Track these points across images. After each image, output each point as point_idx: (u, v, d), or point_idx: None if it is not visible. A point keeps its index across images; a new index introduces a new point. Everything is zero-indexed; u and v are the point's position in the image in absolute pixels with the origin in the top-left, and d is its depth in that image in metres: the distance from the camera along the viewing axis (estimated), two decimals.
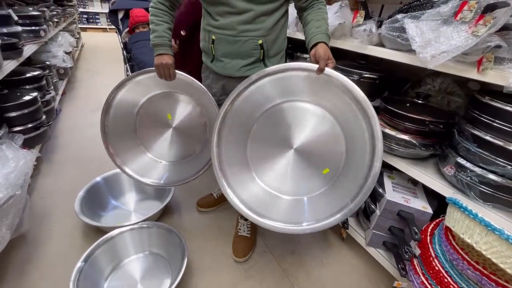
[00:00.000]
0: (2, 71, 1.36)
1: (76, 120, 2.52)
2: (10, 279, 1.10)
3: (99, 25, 7.70)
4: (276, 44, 1.05)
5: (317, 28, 0.95)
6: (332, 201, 0.96)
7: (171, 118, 1.27)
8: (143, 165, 1.31)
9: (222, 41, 1.02)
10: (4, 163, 1.05)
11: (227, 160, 1.05)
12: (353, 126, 0.93)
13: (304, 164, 1.02)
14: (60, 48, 2.97)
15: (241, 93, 1.00)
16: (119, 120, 1.22)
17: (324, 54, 0.88)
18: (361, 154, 0.91)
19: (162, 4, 1.02)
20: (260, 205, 1.02)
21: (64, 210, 1.45)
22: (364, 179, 0.89)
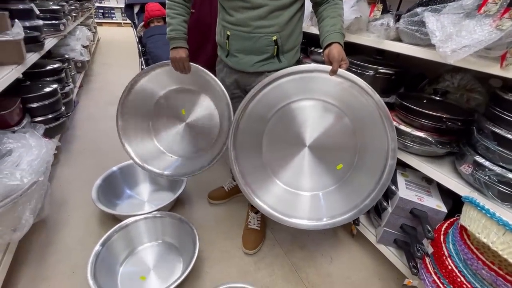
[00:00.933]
0: (25, 64, 1.41)
1: (93, 112, 2.60)
2: (32, 260, 1.16)
3: (114, 19, 7.84)
4: (291, 39, 1.04)
5: (332, 26, 0.93)
6: (347, 196, 0.97)
7: (185, 114, 1.29)
8: (147, 151, 1.33)
9: (237, 37, 1.02)
10: (28, 151, 1.10)
11: (247, 167, 1.07)
12: (365, 121, 0.92)
13: (319, 160, 1.03)
14: (78, 42, 3.05)
15: (253, 98, 0.99)
16: (138, 102, 1.27)
17: (338, 55, 0.87)
18: (375, 150, 0.91)
19: None
20: (284, 205, 1.06)
21: (81, 197, 1.51)
22: (380, 175, 0.89)
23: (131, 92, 1.24)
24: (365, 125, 0.95)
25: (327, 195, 1.04)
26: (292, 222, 1.04)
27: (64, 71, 2.12)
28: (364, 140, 0.96)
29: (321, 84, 0.95)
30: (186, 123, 1.31)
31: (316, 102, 0.99)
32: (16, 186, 0.96)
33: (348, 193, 0.98)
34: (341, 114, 0.97)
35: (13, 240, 1.02)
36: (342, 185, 1.01)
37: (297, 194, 1.08)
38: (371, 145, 0.95)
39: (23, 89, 1.61)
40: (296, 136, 1.02)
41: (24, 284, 1.07)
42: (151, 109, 1.30)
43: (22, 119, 1.43)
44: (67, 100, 2.05)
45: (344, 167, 1.00)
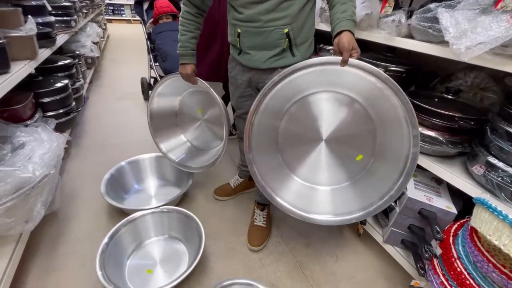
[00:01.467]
0: (38, 59, 1.44)
1: (102, 108, 2.64)
2: (43, 251, 1.20)
3: (124, 16, 7.92)
4: (304, 31, 1.00)
5: (342, 13, 0.88)
6: (372, 186, 0.96)
7: (202, 112, 1.47)
8: (174, 142, 1.58)
9: (247, 34, 1.00)
10: (40, 144, 1.12)
11: (264, 167, 1.05)
12: (382, 108, 0.89)
13: (337, 153, 1.01)
14: (88, 38, 3.09)
15: (266, 95, 0.95)
16: (163, 105, 1.50)
17: (348, 44, 0.83)
18: (396, 138, 0.89)
19: (188, 13, 1.09)
20: (303, 201, 1.04)
21: (90, 191, 1.54)
22: (403, 165, 0.88)
23: (154, 97, 1.45)
24: (383, 113, 0.91)
25: (346, 188, 1.02)
26: (314, 218, 1.01)
27: (75, 67, 2.15)
28: (383, 128, 0.92)
29: (333, 76, 0.92)
30: (203, 120, 1.49)
31: (330, 94, 0.95)
32: (29, 179, 0.98)
33: (371, 185, 0.97)
34: (356, 104, 0.93)
35: (25, 231, 1.04)
36: (364, 178, 1.00)
37: (315, 189, 1.06)
38: (390, 133, 0.91)
39: (35, 84, 1.65)
40: (312, 130, 1.00)
41: (35, 274, 1.10)
42: (176, 109, 1.54)
43: (35, 113, 1.46)
44: (77, 96, 2.09)
45: (364, 158, 0.98)
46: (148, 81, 2.71)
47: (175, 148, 1.57)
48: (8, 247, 1.00)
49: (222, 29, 1.58)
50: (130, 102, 2.78)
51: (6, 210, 0.93)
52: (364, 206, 0.98)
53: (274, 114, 1.00)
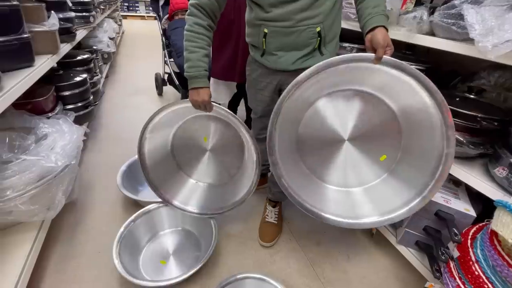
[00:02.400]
0: (59, 54, 1.48)
1: (117, 102, 2.70)
2: (63, 239, 1.24)
3: (138, 12, 8.03)
4: (333, 27, 0.96)
5: (374, 7, 0.83)
6: (397, 190, 0.94)
7: (207, 141, 1.21)
8: (185, 191, 1.28)
9: (276, 34, 0.93)
10: (61, 136, 1.16)
11: (296, 182, 1.00)
12: (411, 108, 0.86)
13: (361, 153, 0.99)
14: (105, 34, 3.16)
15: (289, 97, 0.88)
16: (157, 153, 1.20)
17: (383, 40, 0.78)
18: (425, 137, 0.86)
19: (198, 25, 0.90)
20: (344, 207, 1.01)
21: (106, 182, 1.58)
22: (435, 164, 0.85)
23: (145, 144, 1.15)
24: (412, 112, 0.88)
25: (380, 185, 1.00)
26: (362, 223, 0.98)
27: (93, 61, 2.21)
28: (410, 128, 0.89)
29: (361, 74, 0.87)
30: (210, 150, 1.23)
31: (353, 93, 0.92)
32: (51, 168, 1.02)
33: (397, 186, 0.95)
34: (381, 103, 0.91)
35: (47, 218, 1.09)
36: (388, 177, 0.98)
37: (349, 192, 1.03)
38: (420, 131, 0.88)
39: (56, 77, 1.70)
40: (333, 131, 0.96)
41: (56, 260, 1.15)
42: (171, 149, 1.23)
43: (56, 106, 1.52)
44: (95, 90, 2.14)
45: (389, 158, 0.96)
46: (162, 77, 2.74)
47: (190, 196, 1.27)
48: (31, 233, 1.04)
49: (237, 29, 1.57)
50: (145, 97, 2.83)
51: (30, 198, 0.97)
52: (403, 202, 0.95)
53: (296, 115, 0.95)
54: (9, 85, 0.94)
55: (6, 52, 1.03)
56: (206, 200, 1.26)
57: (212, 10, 0.92)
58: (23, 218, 1.00)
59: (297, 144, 1.01)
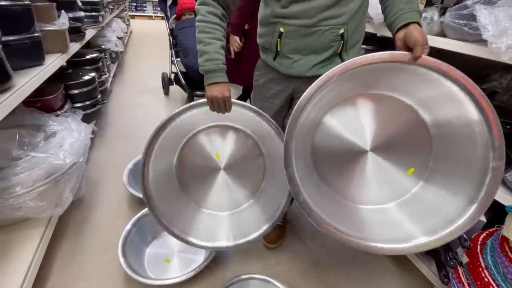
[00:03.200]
0: (69, 52, 1.51)
1: (124, 101, 2.73)
2: (70, 235, 1.26)
3: (146, 12, 8.12)
4: (358, 31, 0.87)
5: (407, 3, 0.72)
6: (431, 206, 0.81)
7: (220, 158, 1.01)
8: (203, 225, 1.05)
9: (293, 34, 0.84)
10: (70, 134, 1.18)
11: (325, 209, 0.82)
12: (447, 116, 0.74)
13: (385, 166, 0.86)
14: (114, 34, 3.20)
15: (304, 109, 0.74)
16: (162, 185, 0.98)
17: (422, 38, 0.67)
18: (460, 148, 0.75)
19: (213, 15, 0.81)
20: (387, 229, 0.84)
21: (113, 180, 1.60)
22: (480, 177, 0.69)
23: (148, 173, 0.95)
24: (447, 121, 0.75)
25: (402, 206, 0.86)
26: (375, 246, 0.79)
27: (101, 60, 2.23)
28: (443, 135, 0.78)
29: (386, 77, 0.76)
30: (224, 169, 1.04)
31: (373, 98, 0.81)
32: (59, 165, 1.03)
33: (428, 202, 0.81)
34: (408, 109, 0.80)
35: (55, 215, 1.10)
36: (417, 193, 0.85)
37: (384, 210, 0.88)
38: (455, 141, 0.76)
39: (65, 76, 1.73)
40: (354, 141, 0.84)
41: (62, 256, 1.16)
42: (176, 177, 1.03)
43: (65, 104, 1.54)
44: (102, 88, 2.17)
45: (416, 171, 0.83)
46: (169, 76, 2.77)
47: (210, 232, 1.04)
48: (39, 229, 1.06)
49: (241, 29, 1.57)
50: (151, 96, 2.85)
51: (38, 194, 0.98)
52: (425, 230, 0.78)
53: (311, 126, 0.82)
54: (20, 83, 0.96)
55: (18, 50, 1.05)
56: (233, 230, 1.05)
57: (225, 1, 0.84)
58: (32, 214, 1.01)
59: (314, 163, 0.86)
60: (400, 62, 0.70)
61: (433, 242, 0.77)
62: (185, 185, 1.05)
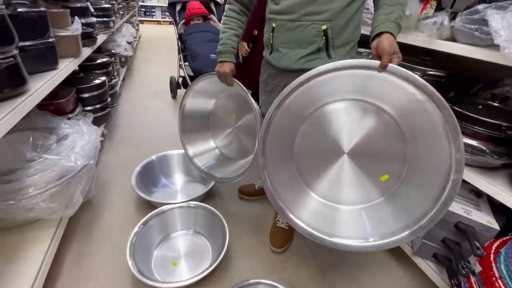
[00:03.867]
0: (81, 57, 1.54)
1: (133, 104, 2.77)
2: (79, 236, 1.28)
3: (154, 17, 8.26)
4: (346, 31, 0.92)
5: (387, 15, 0.80)
6: (397, 213, 0.86)
7: (235, 118, 1.37)
8: (202, 148, 1.47)
9: (282, 28, 0.94)
10: (81, 136, 1.20)
11: (277, 178, 0.96)
12: (418, 123, 0.79)
13: (360, 170, 0.92)
14: (123, 38, 3.26)
15: (285, 99, 0.87)
16: (197, 105, 1.40)
17: (389, 47, 0.74)
18: (431, 160, 0.79)
19: (231, 10, 1.05)
20: (323, 221, 0.94)
21: (121, 182, 1.62)
22: (439, 191, 0.77)
23: (189, 97, 1.35)
24: (418, 128, 0.81)
25: (371, 210, 0.92)
26: (334, 242, 0.89)
27: (111, 65, 2.28)
28: (417, 147, 0.83)
29: (365, 83, 0.83)
30: (236, 126, 1.39)
31: (357, 103, 0.87)
32: (71, 168, 1.05)
33: (397, 209, 0.87)
34: (386, 115, 0.85)
35: (65, 216, 1.12)
36: (389, 200, 0.89)
37: (335, 208, 0.96)
38: (426, 154, 0.81)
39: (76, 80, 1.77)
40: (333, 141, 0.91)
41: (72, 257, 1.18)
42: (209, 110, 1.44)
43: (76, 107, 1.57)
44: (112, 92, 2.20)
45: (391, 179, 0.88)
46: (177, 80, 2.80)
47: (202, 153, 1.48)
48: (50, 229, 1.08)
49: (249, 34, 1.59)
50: (159, 99, 2.89)
51: (50, 195, 1.00)
52: (383, 233, 0.86)
53: (294, 118, 0.92)
54: (35, 87, 0.99)
55: (33, 55, 1.08)
56: (214, 165, 1.43)
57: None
58: (43, 215, 1.03)
59: (294, 145, 0.96)
60: (371, 69, 0.77)
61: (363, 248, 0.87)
62: (210, 120, 1.48)
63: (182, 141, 1.46)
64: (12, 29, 0.87)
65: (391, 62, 0.75)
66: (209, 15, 2.60)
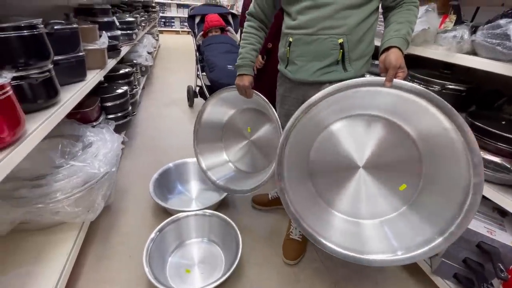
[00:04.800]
0: (106, 68, 1.64)
1: (152, 112, 2.87)
2: (98, 240, 1.33)
3: (174, 28, 8.57)
4: (361, 46, 0.95)
5: (396, 31, 0.84)
6: (418, 224, 0.85)
7: (250, 131, 1.39)
8: (215, 160, 1.47)
9: (299, 42, 0.97)
10: (104, 144, 1.26)
11: (299, 200, 0.94)
12: (430, 133, 0.81)
13: (378, 182, 0.92)
14: (144, 49, 3.41)
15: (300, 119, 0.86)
16: (213, 116, 1.42)
17: (395, 61, 0.76)
18: (449, 165, 0.79)
19: (250, 27, 1.11)
20: (351, 239, 0.92)
21: (139, 188, 1.67)
22: (462, 197, 0.76)
23: (208, 106, 1.39)
24: (431, 138, 0.82)
25: (393, 221, 0.92)
26: (368, 259, 0.86)
27: (133, 75, 2.39)
28: (431, 155, 0.84)
29: (372, 98, 0.84)
30: (250, 140, 1.40)
31: (368, 118, 0.89)
32: (94, 174, 1.11)
33: (418, 219, 0.86)
34: (397, 128, 0.87)
35: (87, 220, 1.17)
36: (408, 209, 0.90)
37: (359, 224, 0.95)
38: (441, 161, 0.82)
39: (101, 90, 1.87)
40: (346, 156, 0.92)
41: (91, 260, 1.23)
42: (222, 126, 1.49)
43: (100, 116, 1.65)
44: (133, 101, 2.30)
45: (409, 188, 0.89)
46: (194, 89, 2.88)
47: (216, 167, 1.48)
48: (73, 232, 1.13)
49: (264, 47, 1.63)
50: (177, 108, 2.98)
51: (75, 200, 1.06)
52: (423, 240, 0.83)
53: (307, 138, 0.92)
54: (66, 98, 1.06)
55: (65, 68, 1.16)
56: (228, 179, 1.43)
57: (259, 16, 1.10)
58: (67, 218, 1.09)
59: (308, 166, 0.96)
60: (379, 86, 0.77)
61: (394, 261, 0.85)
62: (225, 133, 1.47)
63: (196, 152, 1.48)
64: (48, 46, 0.95)
65: (397, 77, 0.77)
66: (226, 27, 2.68)
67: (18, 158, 0.72)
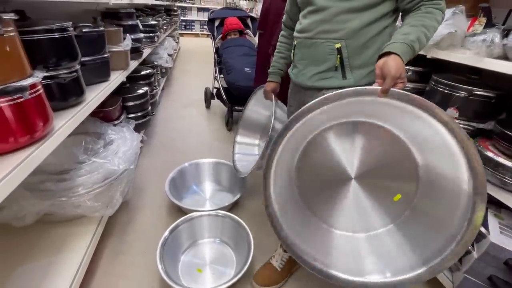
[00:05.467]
0: (129, 69, 1.70)
1: (170, 112, 2.94)
2: (115, 234, 1.37)
3: (193, 31, 8.78)
4: (365, 53, 0.87)
5: (404, 35, 0.73)
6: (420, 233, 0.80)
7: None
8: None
9: (300, 45, 0.97)
10: (124, 142, 1.31)
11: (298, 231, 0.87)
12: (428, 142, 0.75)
13: (371, 193, 0.87)
14: (165, 51, 3.51)
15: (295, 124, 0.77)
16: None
17: (395, 71, 0.66)
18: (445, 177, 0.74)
19: (282, 36, 1.17)
20: (352, 259, 0.86)
21: (155, 187, 1.72)
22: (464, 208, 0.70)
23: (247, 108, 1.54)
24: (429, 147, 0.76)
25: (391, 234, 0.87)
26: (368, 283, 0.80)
27: (153, 76, 2.46)
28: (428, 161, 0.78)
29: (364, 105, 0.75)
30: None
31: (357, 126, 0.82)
32: (114, 171, 1.15)
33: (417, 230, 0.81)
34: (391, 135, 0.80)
35: (106, 215, 1.22)
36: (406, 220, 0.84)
37: (357, 239, 0.89)
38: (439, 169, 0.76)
39: (123, 90, 1.94)
40: (337, 168, 0.85)
41: (108, 254, 1.27)
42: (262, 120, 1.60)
43: (121, 115, 1.72)
44: (153, 101, 2.37)
45: (403, 198, 0.83)
46: (211, 91, 2.93)
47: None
48: (92, 226, 1.18)
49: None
50: (194, 109, 3.04)
51: (95, 195, 1.10)
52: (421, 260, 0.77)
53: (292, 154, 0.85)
54: (90, 97, 1.11)
55: (90, 69, 1.22)
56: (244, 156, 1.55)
57: (289, 24, 1.13)
58: (88, 212, 1.13)
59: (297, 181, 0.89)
60: (372, 96, 0.69)
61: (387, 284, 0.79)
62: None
63: (238, 128, 1.63)
64: (77, 48, 1.00)
65: (394, 87, 0.68)
66: (245, 30, 2.71)
67: (46, 152, 0.76)
